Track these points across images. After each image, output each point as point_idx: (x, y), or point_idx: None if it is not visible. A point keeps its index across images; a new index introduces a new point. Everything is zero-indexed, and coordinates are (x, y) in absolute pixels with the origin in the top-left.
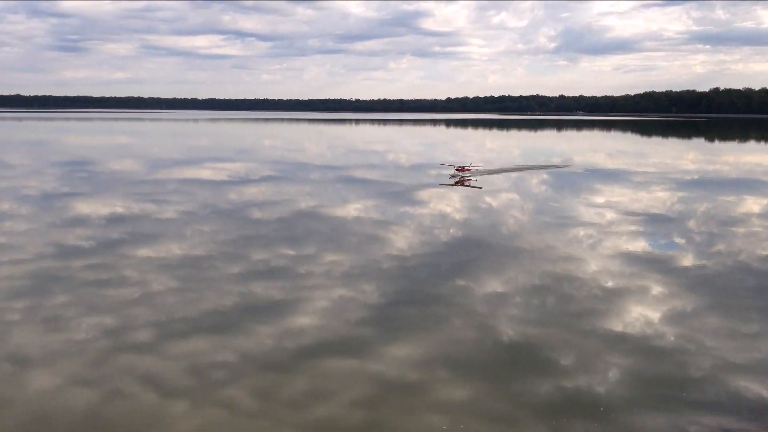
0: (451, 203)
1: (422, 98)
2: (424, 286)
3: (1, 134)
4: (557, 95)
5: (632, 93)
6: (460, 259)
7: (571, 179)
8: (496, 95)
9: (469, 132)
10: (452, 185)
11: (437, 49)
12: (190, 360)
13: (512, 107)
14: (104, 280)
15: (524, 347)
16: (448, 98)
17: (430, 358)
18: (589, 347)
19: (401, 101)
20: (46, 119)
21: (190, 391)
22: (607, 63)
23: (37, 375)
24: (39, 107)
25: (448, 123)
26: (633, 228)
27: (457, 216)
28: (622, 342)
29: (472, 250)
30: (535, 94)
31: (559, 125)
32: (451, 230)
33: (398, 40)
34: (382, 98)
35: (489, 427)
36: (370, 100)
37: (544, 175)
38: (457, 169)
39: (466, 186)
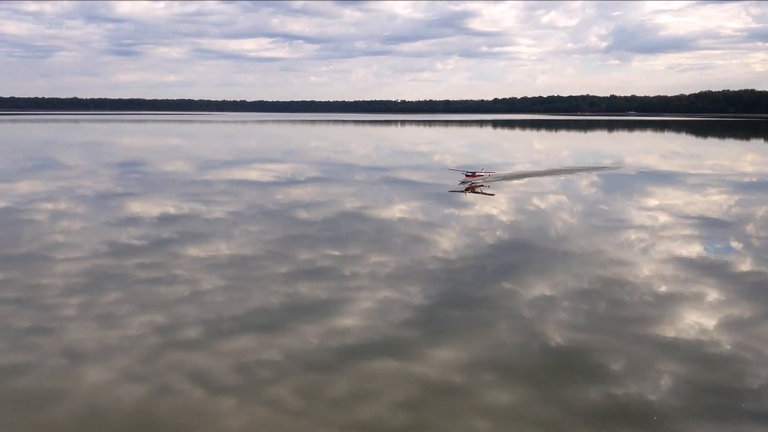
0: (498, 205)
1: (469, 99)
2: (469, 289)
3: (58, 136)
4: (608, 95)
5: (687, 93)
6: (506, 262)
7: (622, 181)
8: (545, 95)
9: (517, 133)
10: (462, 192)
11: (484, 49)
12: (237, 358)
13: (561, 108)
14: (155, 279)
15: (572, 352)
16: (495, 99)
17: (475, 362)
18: (640, 354)
19: (447, 102)
20: (101, 121)
21: (237, 388)
22: (660, 62)
23: (91, 369)
24: (94, 109)
25: (495, 124)
26: (687, 232)
27: (504, 218)
28: (675, 349)
29: (518, 252)
30: (585, 94)
31: (610, 126)
32: (497, 232)
33: (445, 40)
34: (428, 99)
35: None
36: (416, 101)
37: (594, 177)
38: (467, 175)
39: (477, 193)
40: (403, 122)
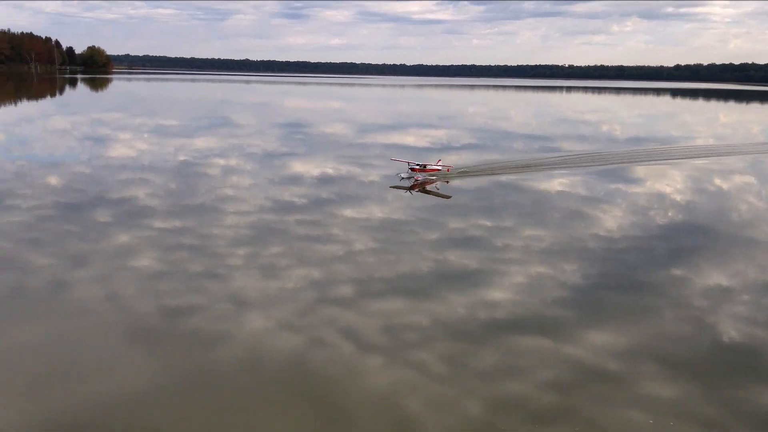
0: (672, 183)
1: (645, 65)
2: (633, 272)
3: (232, 96)
4: None
5: None
6: (678, 246)
7: None
8: (737, 63)
9: (700, 104)
10: (406, 190)
11: (669, 10)
12: (385, 319)
13: (756, 77)
14: (314, 236)
15: (749, 351)
16: (677, 65)
17: (635, 350)
18: None
19: (621, 68)
20: (269, 83)
21: (385, 348)
22: None
23: (253, 316)
24: (264, 71)
25: (675, 93)
26: None
27: (678, 197)
28: None
29: (692, 236)
30: None
31: None
32: (670, 213)
33: (624, 1)
34: (598, 64)
35: None
36: (585, 67)
37: None
38: (411, 169)
39: (428, 194)
40: (569, 89)
